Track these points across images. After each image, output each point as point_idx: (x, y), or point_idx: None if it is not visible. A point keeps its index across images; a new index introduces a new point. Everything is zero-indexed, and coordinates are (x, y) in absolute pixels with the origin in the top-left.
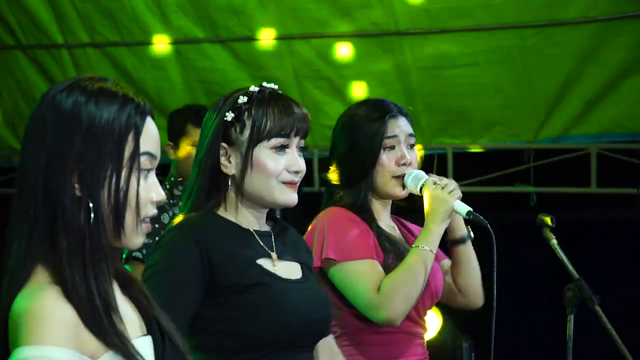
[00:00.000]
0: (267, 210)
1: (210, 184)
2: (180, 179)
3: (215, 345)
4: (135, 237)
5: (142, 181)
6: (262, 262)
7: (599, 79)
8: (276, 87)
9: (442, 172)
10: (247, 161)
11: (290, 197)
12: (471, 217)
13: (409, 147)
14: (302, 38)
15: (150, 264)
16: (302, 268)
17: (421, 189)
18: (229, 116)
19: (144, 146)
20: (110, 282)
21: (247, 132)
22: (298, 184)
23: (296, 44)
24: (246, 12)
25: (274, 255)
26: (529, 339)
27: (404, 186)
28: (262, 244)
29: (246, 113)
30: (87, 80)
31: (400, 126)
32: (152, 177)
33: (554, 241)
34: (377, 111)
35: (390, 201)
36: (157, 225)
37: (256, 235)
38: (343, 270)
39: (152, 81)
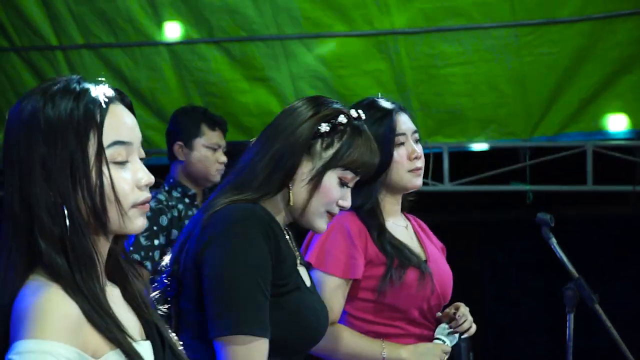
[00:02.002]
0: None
1: (274, 178)
2: (177, 180)
3: None
4: (129, 224)
5: (119, 171)
6: (298, 266)
7: (594, 77)
8: (364, 117)
9: (438, 171)
10: (316, 178)
11: (324, 227)
12: None
13: (415, 141)
14: (297, 38)
15: (220, 261)
16: (307, 272)
17: (437, 339)
18: (324, 128)
19: (111, 136)
20: (100, 286)
21: (330, 152)
22: None
23: (291, 44)
24: (241, 12)
25: (299, 258)
26: (529, 339)
27: (417, 177)
28: (292, 246)
29: (339, 134)
30: (48, 83)
31: (406, 122)
32: (134, 163)
33: (554, 240)
34: (378, 111)
35: (401, 197)
36: (155, 228)
37: (287, 235)
38: (315, 276)
39: (146, 82)
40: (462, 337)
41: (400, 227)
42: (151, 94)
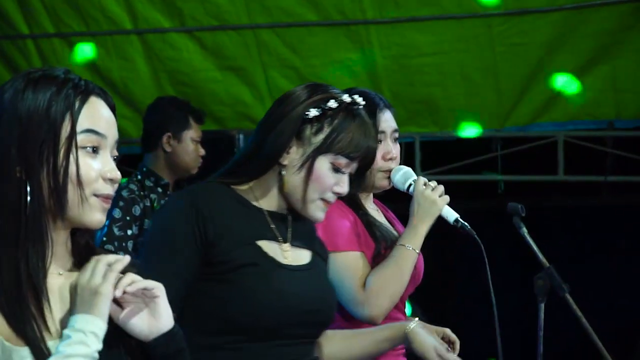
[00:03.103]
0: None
1: (258, 160)
2: (150, 169)
3: (194, 320)
4: (88, 213)
5: (87, 159)
6: (263, 243)
7: (566, 67)
8: (364, 103)
9: (410, 161)
10: (306, 165)
11: (321, 216)
12: (459, 224)
13: (394, 140)
14: (268, 27)
15: (146, 235)
16: (312, 256)
17: (409, 187)
18: (312, 113)
19: (84, 124)
20: (43, 268)
21: (321, 137)
22: None
23: (263, 33)
24: (212, 1)
25: (281, 238)
26: (499, 328)
27: (389, 178)
28: (272, 225)
29: (329, 119)
30: (35, 69)
31: (387, 120)
32: (104, 156)
33: (524, 230)
34: (365, 106)
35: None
36: (128, 218)
37: (268, 216)
38: (329, 261)
39: (118, 71)
40: None
41: (374, 210)
42: (123, 83)
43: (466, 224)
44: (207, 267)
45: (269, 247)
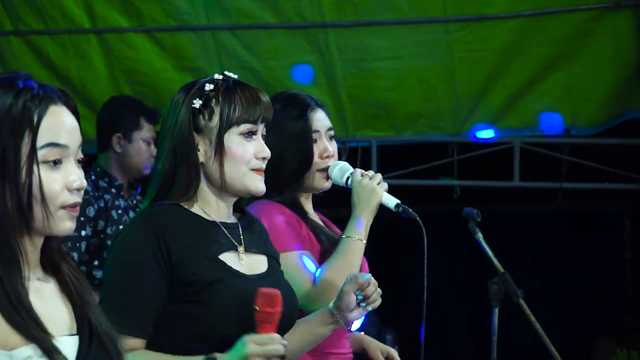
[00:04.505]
0: (234, 199)
1: (182, 172)
2: (104, 169)
3: (169, 343)
4: (56, 225)
5: (50, 173)
6: (225, 256)
7: (523, 74)
8: (236, 76)
9: (366, 165)
10: (218, 147)
11: (260, 185)
12: (400, 209)
13: (329, 139)
14: (227, 29)
15: (108, 264)
16: (268, 261)
17: (347, 180)
18: (197, 103)
19: (45, 137)
20: (22, 282)
21: (216, 118)
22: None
23: (222, 35)
24: (172, 2)
25: (240, 248)
26: (454, 333)
27: (328, 177)
28: (228, 235)
29: (214, 100)
30: None
31: (320, 119)
32: (68, 165)
33: (480, 235)
34: (295, 107)
35: (311, 194)
36: (82, 219)
37: (222, 227)
38: (284, 261)
39: (75, 70)
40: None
41: (313, 214)
42: (80, 82)
43: (408, 208)
44: (175, 289)
45: (230, 259)
